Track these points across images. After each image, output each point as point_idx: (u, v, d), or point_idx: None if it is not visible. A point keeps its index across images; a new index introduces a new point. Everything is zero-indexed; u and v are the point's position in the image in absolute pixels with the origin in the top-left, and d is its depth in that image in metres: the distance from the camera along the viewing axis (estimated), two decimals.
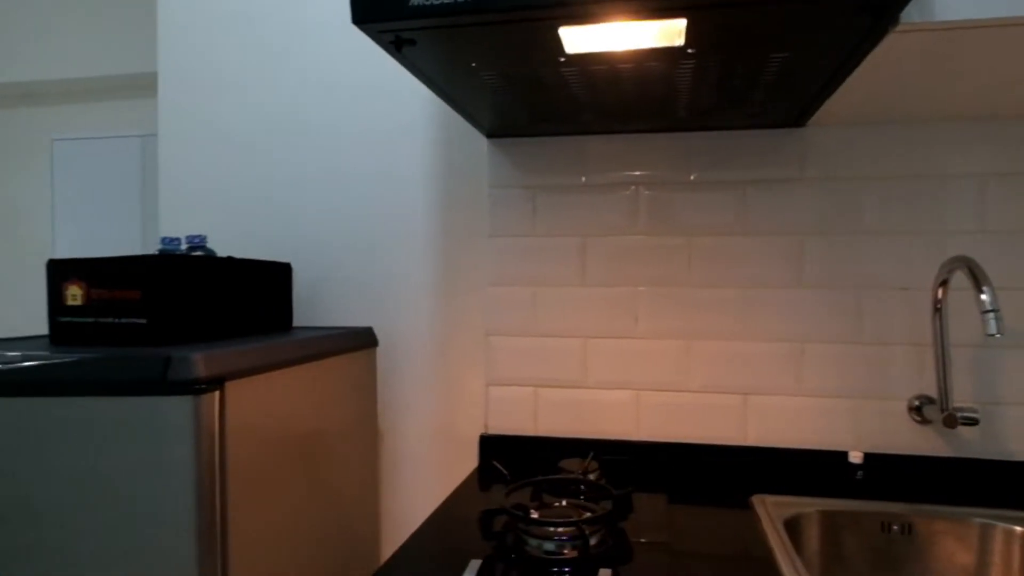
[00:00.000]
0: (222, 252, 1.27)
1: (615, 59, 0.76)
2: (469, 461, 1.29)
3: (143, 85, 2.76)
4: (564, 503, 0.94)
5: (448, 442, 1.30)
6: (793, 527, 0.94)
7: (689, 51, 0.73)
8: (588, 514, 0.87)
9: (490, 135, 1.25)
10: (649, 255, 1.21)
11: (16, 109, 2.96)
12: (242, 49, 1.38)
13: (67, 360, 0.74)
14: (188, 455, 0.72)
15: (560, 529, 0.83)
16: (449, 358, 1.30)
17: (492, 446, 1.25)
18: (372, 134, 1.32)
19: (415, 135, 1.31)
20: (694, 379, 1.19)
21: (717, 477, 1.16)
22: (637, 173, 1.21)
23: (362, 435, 1.20)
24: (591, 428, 1.22)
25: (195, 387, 0.73)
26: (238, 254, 1.35)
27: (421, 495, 1.31)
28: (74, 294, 0.85)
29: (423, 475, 1.31)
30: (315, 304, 1.34)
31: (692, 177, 1.19)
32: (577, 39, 0.69)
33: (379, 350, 1.31)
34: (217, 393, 0.75)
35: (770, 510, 0.97)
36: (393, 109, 1.31)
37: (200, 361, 0.72)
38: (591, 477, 1.03)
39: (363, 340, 1.19)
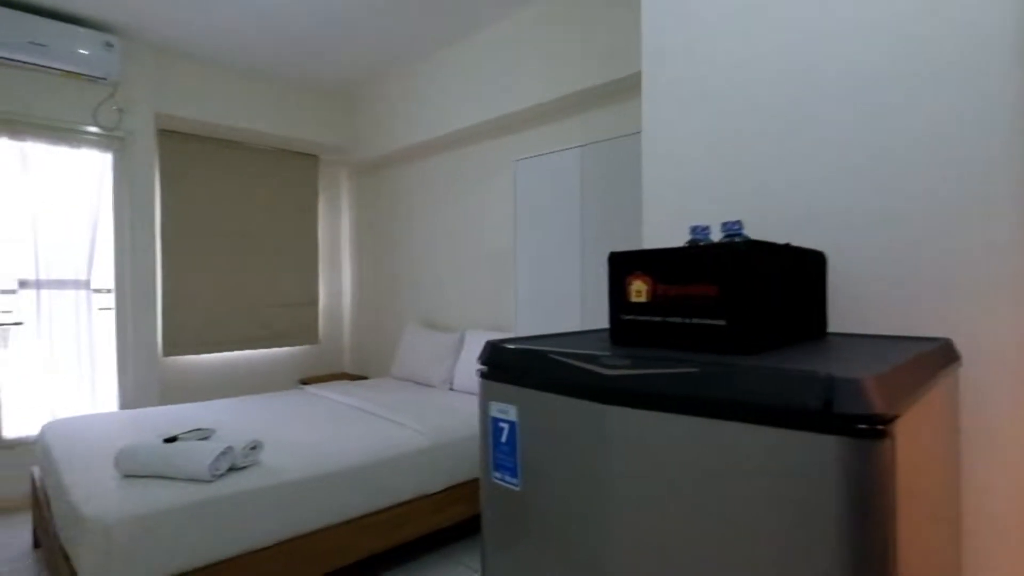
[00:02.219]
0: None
1: None
2: None
3: (578, 103, 3.00)
4: None
5: None
6: None
7: None
8: None
9: None
10: None
11: (485, 142, 3.60)
12: (722, 31, 1.18)
13: (684, 372, 0.61)
14: (854, 519, 0.50)
15: None
16: None
17: None
18: (903, 82, 0.95)
19: (970, 77, 0.88)
20: None
21: None
22: None
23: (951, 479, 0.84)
24: None
25: (867, 425, 0.51)
26: None
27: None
28: (638, 290, 0.77)
29: (1013, 540, 0.86)
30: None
31: None
32: None
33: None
34: (888, 435, 0.52)
35: None
36: (921, 49, 0.91)
37: (873, 387, 0.51)
38: None
39: (946, 357, 0.83)
